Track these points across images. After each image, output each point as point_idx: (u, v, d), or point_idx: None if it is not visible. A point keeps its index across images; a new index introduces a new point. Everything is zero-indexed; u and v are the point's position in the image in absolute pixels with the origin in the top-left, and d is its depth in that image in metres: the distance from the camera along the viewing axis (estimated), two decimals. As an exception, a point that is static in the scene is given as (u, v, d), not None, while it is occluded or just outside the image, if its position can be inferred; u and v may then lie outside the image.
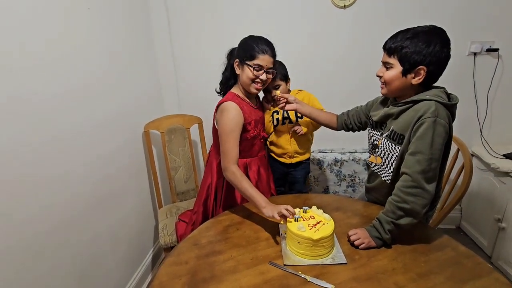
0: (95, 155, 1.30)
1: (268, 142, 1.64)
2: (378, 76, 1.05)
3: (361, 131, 1.34)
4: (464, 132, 1.90)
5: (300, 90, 1.59)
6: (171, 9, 1.87)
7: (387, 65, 1.00)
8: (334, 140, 2.04)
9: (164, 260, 0.95)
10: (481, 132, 1.90)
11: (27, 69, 0.95)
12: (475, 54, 1.78)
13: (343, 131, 1.37)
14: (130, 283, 1.57)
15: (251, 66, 1.17)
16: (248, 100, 1.27)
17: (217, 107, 1.23)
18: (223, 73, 1.32)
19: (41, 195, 1.01)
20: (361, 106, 1.31)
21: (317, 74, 1.93)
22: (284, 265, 0.88)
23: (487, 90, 1.83)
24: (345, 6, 1.78)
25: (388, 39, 1.00)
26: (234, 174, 1.14)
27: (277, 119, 1.55)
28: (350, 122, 1.32)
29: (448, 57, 0.95)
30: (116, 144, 1.46)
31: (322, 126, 1.45)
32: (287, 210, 0.96)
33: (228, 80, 1.30)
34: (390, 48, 0.97)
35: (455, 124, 1.90)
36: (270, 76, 1.23)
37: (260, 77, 1.19)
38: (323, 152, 2.03)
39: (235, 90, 1.27)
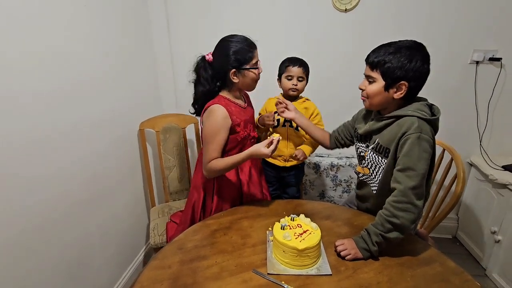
0: (89, 153, 1.29)
1: None
2: (360, 89, 1.05)
3: (350, 144, 1.33)
4: (463, 141, 1.89)
5: (308, 99, 1.56)
6: (170, 8, 1.85)
7: (369, 79, 1.00)
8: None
9: (148, 263, 0.95)
10: (480, 142, 1.87)
11: (19, 66, 0.94)
12: (477, 62, 1.75)
13: (337, 149, 1.38)
14: (120, 281, 1.57)
15: (253, 68, 1.19)
16: (237, 101, 1.26)
17: (204, 110, 1.22)
18: (200, 89, 1.24)
19: (32, 191, 1.01)
20: (348, 121, 1.31)
21: (317, 78, 1.90)
22: (268, 273, 0.87)
23: (488, 100, 1.80)
24: (346, 10, 1.75)
25: (371, 52, 1.00)
26: (212, 164, 1.16)
27: (278, 120, 1.53)
28: (341, 138, 1.31)
29: (428, 72, 0.95)
30: (110, 142, 1.45)
31: None
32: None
33: (212, 92, 1.23)
34: (373, 62, 0.97)
35: (453, 133, 1.88)
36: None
37: (260, 72, 1.22)
38: (320, 156, 2.01)
39: (225, 94, 1.24)
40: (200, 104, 1.25)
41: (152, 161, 1.83)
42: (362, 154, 1.14)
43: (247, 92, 1.34)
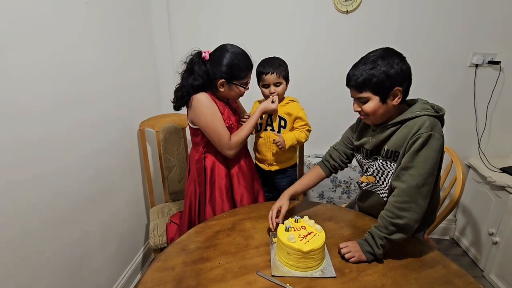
0: (89, 152, 1.28)
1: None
2: (357, 111, 1.03)
3: (347, 165, 1.26)
4: (461, 143, 1.90)
5: (292, 100, 1.50)
6: (172, 7, 1.84)
7: (362, 100, 0.98)
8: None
9: (151, 264, 0.94)
10: (479, 144, 1.89)
11: (19, 66, 0.92)
12: (476, 65, 1.76)
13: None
14: (119, 281, 1.56)
15: (241, 86, 1.23)
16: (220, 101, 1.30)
17: (187, 106, 1.24)
18: (194, 83, 1.21)
19: (33, 191, 1.00)
20: (338, 143, 1.25)
21: (318, 80, 1.91)
22: (272, 276, 0.87)
23: (487, 103, 1.81)
24: (348, 12, 1.75)
25: (350, 77, 0.99)
26: (233, 139, 1.24)
27: (260, 124, 1.51)
28: (339, 165, 1.23)
29: (409, 67, 0.95)
30: (110, 141, 1.44)
31: (313, 131, 1.52)
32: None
33: (201, 87, 1.21)
34: (358, 85, 0.96)
35: (452, 135, 1.89)
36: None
37: (246, 90, 1.26)
38: (319, 157, 2.01)
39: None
40: (186, 99, 1.23)
41: (152, 161, 1.81)
42: (369, 168, 1.09)
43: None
